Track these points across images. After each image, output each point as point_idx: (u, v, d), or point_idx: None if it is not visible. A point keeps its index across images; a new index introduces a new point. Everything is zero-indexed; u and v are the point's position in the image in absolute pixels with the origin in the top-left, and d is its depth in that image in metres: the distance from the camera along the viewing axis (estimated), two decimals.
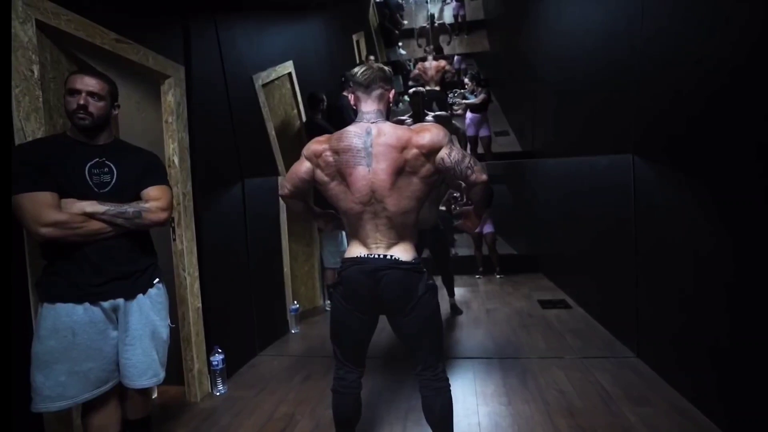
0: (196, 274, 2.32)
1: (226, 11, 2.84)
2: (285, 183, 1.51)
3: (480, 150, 5.47)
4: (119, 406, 1.50)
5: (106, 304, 1.41)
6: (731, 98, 1.66)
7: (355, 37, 6.68)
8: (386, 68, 1.45)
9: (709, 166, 1.82)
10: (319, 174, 1.41)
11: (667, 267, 2.19)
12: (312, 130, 3.70)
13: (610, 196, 2.83)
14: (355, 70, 1.43)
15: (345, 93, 3.94)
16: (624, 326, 2.72)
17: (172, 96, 2.21)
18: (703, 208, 1.88)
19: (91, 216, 1.36)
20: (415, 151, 1.32)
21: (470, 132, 5.43)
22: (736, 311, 1.68)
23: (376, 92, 1.41)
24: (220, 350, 2.36)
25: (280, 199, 3.35)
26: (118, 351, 1.45)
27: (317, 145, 1.41)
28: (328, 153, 1.38)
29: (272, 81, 3.45)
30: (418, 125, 1.42)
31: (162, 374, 1.54)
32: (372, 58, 6.76)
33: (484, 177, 1.38)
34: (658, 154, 2.25)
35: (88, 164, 1.40)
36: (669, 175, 2.17)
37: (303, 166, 1.44)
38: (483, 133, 5.45)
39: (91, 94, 1.39)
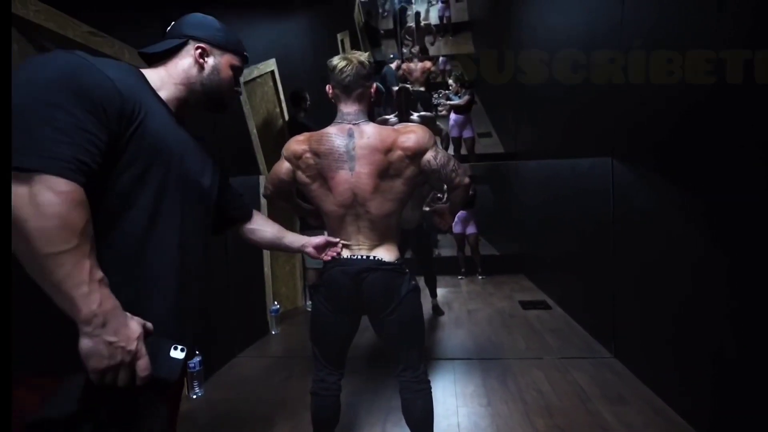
0: None
1: (206, 7, 2.78)
2: (267, 184, 1.49)
3: (463, 151, 5.51)
4: None
5: None
6: (705, 104, 1.69)
7: (339, 36, 6.64)
8: (366, 61, 1.35)
9: (684, 169, 1.86)
10: (300, 175, 1.39)
11: (644, 269, 2.23)
12: (295, 128, 3.65)
13: (590, 199, 2.88)
14: (335, 62, 1.34)
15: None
16: (602, 327, 2.77)
17: None
18: (678, 211, 1.92)
19: None
20: (399, 153, 1.31)
21: (454, 133, 5.46)
22: (709, 312, 1.72)
23: (357, 92, 1.35)
24: (197, 352, 2.31)
25: (261, 198, 3.33)
26: None
27: (296, 145, 1.37)
28: (309, 155, 1.35)
29: (254, 79, 3.40)
30: (402, 125, 1.41)
31: None
32: None
33: (467, 180, 1.39)
34: (635, 158, 2.29)
35: None
36: (646, 178, 2.21)
37: (283, 167, 1.41)
38: (466, 134, 5.49)
39: None
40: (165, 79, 0.93)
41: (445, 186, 1.45)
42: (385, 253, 1.38)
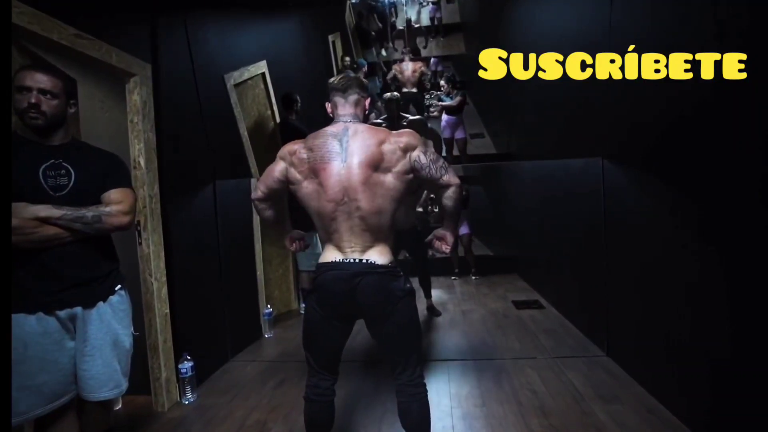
0: (164, 279, 2.24)
1: (196, 8, 2.76)
2: (259, 185, 1.50)
3: (455, 152, 5.52)
4: (77, 421, 1.43)
5: (62, 313, 1.34)
6: (695, 105, 1.71)
7: (330, 38, 6.63)
8: (363, 79, 1.57)
9: (674, 168, 1.88)
10: (293, 172, 1.41)
11: (636, 267, 2.24)
12: (286, 130, 3.64)
13: (582, 199, 2.89)
14: (333, 78, 1.51)
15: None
16: (595, 326, 2.78)
17: (138, 95, 2.13)
18: (669, 210, 1.93)
19: (45, 221, 1.29)
20: (391, 145, 1.36)
21: (446, 134, 5.46)
22: (699, 312, 1.73)
23: (353, 97, 1.46)
24: (188, 357, 2.28)
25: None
26: (76, 362, 1.38)
27: (293, 144, 1.44)
28: (303, 150, 1.39)
29: (245, 81, 3.37)
30: (395, 131, 1.44)
31: (124, 385, 1.48)
32: (348, 59, 6.72)
33: (456, 180, 1.40)
34: (626, 158, 2.31)
35: (43, 166, 1.33)
36: (637, 177, 2.22)
37: (277, 167, 1.44)
38: (459, 135, 5.50)
39: (42, 91, 1.31)
40: None
41: (436, 199, 1.51)
42: (378, 256, 1.36)
